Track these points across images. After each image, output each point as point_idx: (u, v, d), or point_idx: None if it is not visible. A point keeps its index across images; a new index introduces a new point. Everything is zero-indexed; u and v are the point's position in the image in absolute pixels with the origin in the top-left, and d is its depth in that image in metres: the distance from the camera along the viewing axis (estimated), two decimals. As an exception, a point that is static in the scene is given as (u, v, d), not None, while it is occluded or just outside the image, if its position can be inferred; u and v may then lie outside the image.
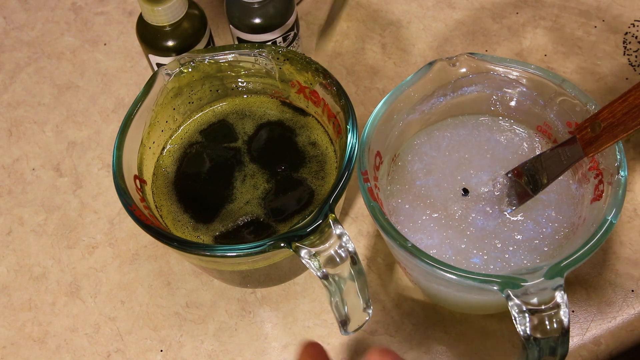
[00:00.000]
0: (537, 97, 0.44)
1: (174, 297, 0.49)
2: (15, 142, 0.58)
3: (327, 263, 0.36)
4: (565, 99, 0.42)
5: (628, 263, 0.48)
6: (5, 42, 0.65)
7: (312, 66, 0.44)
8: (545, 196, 0.43)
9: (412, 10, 0.63)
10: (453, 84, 0.45)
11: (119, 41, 0.64)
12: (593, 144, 0.38)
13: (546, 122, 0.45)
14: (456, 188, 0.44)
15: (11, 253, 0.52)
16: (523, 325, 0.33)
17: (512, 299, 0.34)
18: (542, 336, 0.32)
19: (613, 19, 0.60)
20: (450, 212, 0.43)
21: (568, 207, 0.43)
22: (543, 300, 0.33)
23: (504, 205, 0.43)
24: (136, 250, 0.51)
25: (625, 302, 0.46)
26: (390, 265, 0.49)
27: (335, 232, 0.36)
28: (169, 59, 0.50)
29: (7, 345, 0.48)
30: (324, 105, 0.45)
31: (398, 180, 0.45)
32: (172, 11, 0.47)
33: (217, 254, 0.38)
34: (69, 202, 0.54)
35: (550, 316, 0.33)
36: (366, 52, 0.60)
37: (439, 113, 0.47)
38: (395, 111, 0.44)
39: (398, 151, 0.46)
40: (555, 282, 0.34)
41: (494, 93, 0.45)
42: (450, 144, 0.46)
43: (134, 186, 0.42)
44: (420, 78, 0.44)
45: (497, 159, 0.45)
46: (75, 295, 0.50)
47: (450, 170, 0.45)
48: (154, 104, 0.45)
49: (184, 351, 0.47)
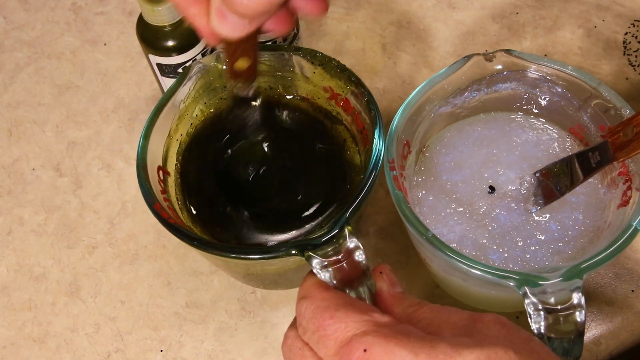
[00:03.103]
0: (572, 98, 0.44)
1: (174, 297, 0.49)
2: (15, 142, 0.58)
3: (338, 275, 0.35)
4: (599, 102, 0.42)
5: (628, 263, 0.48)
6: (5, 42, 0.65)
7: (346, 74, 0.43)
8: (572, 198, 0.43)
9: (412, 10, 0.63)
10: (488, 80, 0.44)
11: (119, 41, 0.64)
12: (624, 149, 0.37)
13: (579, 124, 0.44)
14: (482, 184, 0.44)
15: (11, 253, 0.52)
16: (538, 323, 0.33)
17: (528, 297, 0.33)
18: (556, 336, 0.32)
19: (613, 19, 0.60)
20: (475, 208, 0.43)
21: (595, 210, 0.42)
22: (560, 301, 0.33)
23: (530, 205, 0.43)
24: (136, 250, 0.51)
25: (625, 302, 0.47)
26: (391, 265, 0.49)
27: (349, 245, 0.35)
28: (169, 59, 0.50)
29: (7, 345, 0.48)
30: (354, 115, 0.44)
31: (425, 172, 0.45)
32: (172, 11, 0.47)
33: (231, 256, 0.37)
34: (69, 202, 0.54)
35: (565, 317, 0.33)
36: (366, 52, 0.60)
37: (471, 108, 0.46)
38: (428, 102, 0.43)
39: (427, 143, 0.46)
40: (574, 284, 0.33)
41: (528, 91, 0.45)
42: (480, 139, 0.46)
43: (157, 177, 0.41)
44: (455, 71, 0.43)
45: (526, 157, 0.45)
46: (75, 295, 0.50)
47: (478, 165, 0.45)
48: (186, 97, 0.44)
49: (184, 351, 0.47)
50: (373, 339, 0.27)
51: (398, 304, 0.32)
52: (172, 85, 0.43)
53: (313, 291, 0.31)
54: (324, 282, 0.32)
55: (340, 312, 0.29)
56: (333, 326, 0.28)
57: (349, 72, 0.43)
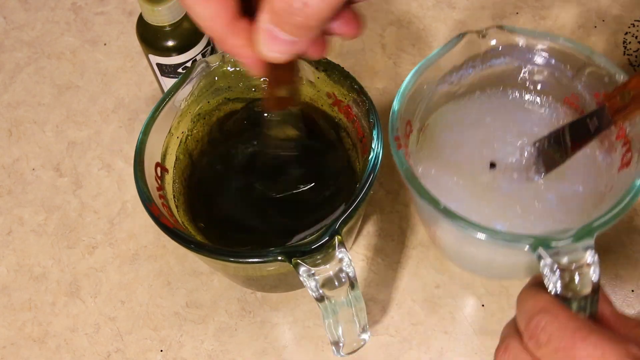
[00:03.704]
0: (565, 69, 0.44)
1: (174, 297, 0.49)
2: (15, 142, 0.58)
3: (325, 284, 0.34)
4: (593, 70, 0.43)
5: (628, 263, 0.48)
6: (5, 42, 0.65)
7: (348, 81, 0.43)
8: (572, 165, 0.44)
9: (412, 10, 0.63)
10: (482, 56, 0.45)
11: (119, 41, 0.64)
12: (621, 112, 0.38)
13: (574, 93, 0.45)
14: (483, 159, 0.45)
15: (11, 253, 0.52)
16: (554, 284, 0.34)
17: (543, 258, 0.34)
18: (573, 295, 0.33)
19: (613, 19, 0.60)
20: (477, 180, 0.44)
21: (595, 176, 0.43)
22: (573, 260, 0.34)
23: (531, 174, 0.44)
24: (136, 250, 0.51)
25: (625, 302, 0.46)
26: (390, 265, 0.49)
27: (337, 255, 0.35)
28: (169, 59, 0.50)
29: (7, 345, 0.48)
30: (354, 122, 0.44)
31: (426, 150, 0.46)
32: (172, 11, 0.47)
33: (219, 258, 0.37)
34: (69, 202, 0.54)
35: (581, 275, 0.34)
36: (366, 52, 0.60)
37: (468, 85, 0.47)
38: (425, 82, 0.44)
39: (427, 122, 0.47)
40: (586, 243, 0.34)
41: (523, 65, 0.46)
42: (478, 115, 0.47)
43: (154, 173, 0.41)
44: (450, 49, 0.44)
45: (524, 130, 0.46)
46: (75, 295, 0.50)
47: (478, 140, 0.46)
48: (189, 95, 0.44)
49: (184, 351, 0.47)
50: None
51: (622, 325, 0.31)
52: (175, 83, 0.43)
53: (555, 307, 0.31)
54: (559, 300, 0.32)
55: (593, 337, 0.28)
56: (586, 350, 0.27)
57: (351, 80, 0.43)
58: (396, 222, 0.51)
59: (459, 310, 0.47)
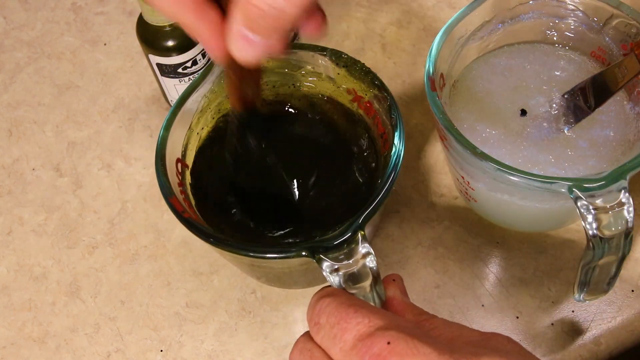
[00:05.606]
0: (593, 22, 0.46)
1: (174, 297, 0.49)
2: (15, 142, 0.58)
3: (348, 280, 0.34)
4: (621, 20, 0.44)
5: (628, 263, 0.48)
6: (5, 42, 0.65)
7: (369, 77, 0.43)
8: (602, 116, 0.45)
9: (412, 10, 0.63)
10: (511, 11, 0.47)
11: (119, 41, 0.64)
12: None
13: (600, 47, 0.46)
14: (514, 109, 0.46)
15: (11, 253, 0.52)
16: (590, 225, 0.35)
17: (580, 199, 0.36)
18: (608, 235, 0.35)
19: (613, 19, 0.60)
20: (508, 130, 0.45)
21: (624, 125, 0.45)
22: (608, 200, 0.36)
23: (561, 124, 0.45)
24: (136, 250, 0.51)
25: (625, 302, 0.47)
26: (390, 265, 0.49)
27: (361, 250, 0.35)
28: (169, 59, 0.50)
29: (7, 345, 0.48)
30: (375, 118, 0.44)
31: (457, 103, 0.47)
32: (172, 11, 0.47)
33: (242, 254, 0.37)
34: (69, 202, 0.54)
35: (615, 214, 0.35)
36: (366, 52, 0.60)
37: (497, 40, 0.49)
38: (457, 36, 0.45)
39: (458, 76, 0.48)
40: (620, 185, 0.36)
41: (550, 20, 0.47)
42: (507, 70, 0.48)
43: (175, 169, 0.41)
44: (481, 4, 0.45)
45: (552, 82, 0.47)
46: (75, 295, 0.50)
47: (508, 93, 0.47)
48: (208, 91, 0.44)
49: (184, 351, 0.47)
50: (397, 333, 0.27)
51: (409, 312, 0.32)
52: (196, 79, 0.44)
53: (337, 291, 0.32)
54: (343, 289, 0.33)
55: (365, 310, 0.29)
56: (356, 319, 0.29)
57: (372, 75, 0.43)
58: (396, 222, 0.51)
59: (459, 310, 0.47)
